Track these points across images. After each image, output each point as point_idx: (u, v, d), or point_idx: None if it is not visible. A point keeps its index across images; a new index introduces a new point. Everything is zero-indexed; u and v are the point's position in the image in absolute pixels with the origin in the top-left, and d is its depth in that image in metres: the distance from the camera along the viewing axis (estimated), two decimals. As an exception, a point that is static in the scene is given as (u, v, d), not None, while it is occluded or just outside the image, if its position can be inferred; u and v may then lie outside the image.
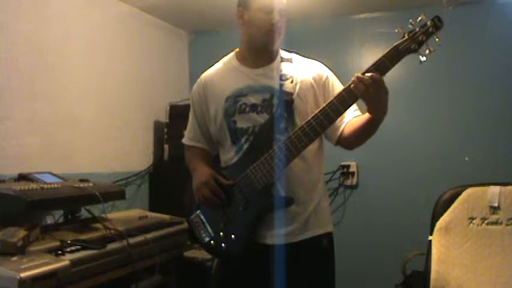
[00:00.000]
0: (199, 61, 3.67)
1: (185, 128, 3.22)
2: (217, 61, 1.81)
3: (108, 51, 2.97)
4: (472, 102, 2.99)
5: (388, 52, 1.44)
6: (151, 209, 3.03)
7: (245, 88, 1.65)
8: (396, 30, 1.45)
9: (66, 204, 2.00)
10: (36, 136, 2.41)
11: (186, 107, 3.32)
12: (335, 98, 1.51)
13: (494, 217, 2.04)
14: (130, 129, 3.14)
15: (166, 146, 3.22)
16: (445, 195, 2.15)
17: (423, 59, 1.44)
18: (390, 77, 1.46)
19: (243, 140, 1.64)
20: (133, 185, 3.09)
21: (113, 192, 2.18)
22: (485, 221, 2.05)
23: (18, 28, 2.34)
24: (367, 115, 1.54)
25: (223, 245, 1.65)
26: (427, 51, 1.43)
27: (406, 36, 1.43)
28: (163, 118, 3.29)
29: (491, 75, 2.95)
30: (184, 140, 1.86)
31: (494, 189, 2.07)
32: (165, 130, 3.24)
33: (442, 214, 2.11)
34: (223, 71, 1.75)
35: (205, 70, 1.83)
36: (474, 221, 2.06)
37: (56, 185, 1.93)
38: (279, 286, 1.56)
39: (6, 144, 2.24)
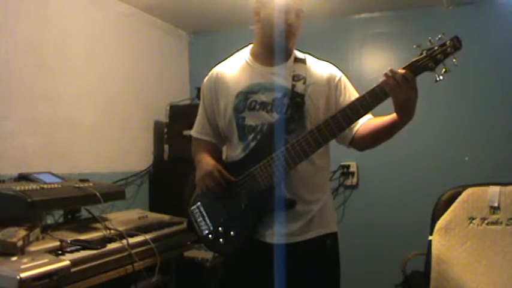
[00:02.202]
0: (199, 61, 3.70)
1: (185, 128, 3.24)
2: (219, 62, 1.80)
3: (108, 51, 2.97)
4: (472, 102, 2.99)
5: (404, 68, 1.42)
6: (151, 209, 3.03)
7: (256, 85, 1.65)
8: (414, 46, 1.43)
9: (66, 204, 2.00)
10: (36, 136, 2.41)
11: (186, 107, 3.37)
12: (355, 101, 1.49)
13: (494, 217, 2.05)
14: (131, 129, 3.14)
15: (166, 146, 3.23)
16: (445, 195, 2.15)
17: (439, 78, 1.42)
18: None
19: (251, 137, 1.63)
20: (133, 185, 3.09)
21: (113, 192, 2.17)
22: (485, 221, 2.05)
23: (18, 28, 2.34)
24: (390, 117, 1.51)
25: (221, 240, 1.65)
26: (443, 70, 1.41)
27: (424, 54, 1.41)
28: (163, 118, 3.29)
29: (491, 74, 2.95)
30: (192, 133, 1.85)
31: (494, 189, 2.07)
32: (165, 130, 3.25)
33: (442, 214, 2.11)
34: (236, 66, 1.73)
35: (205, 70, 1.82)
36: (474, 221, 2.06)
37: (56, 185, 1.92)
38: (281, 285, 1.56)
39: (6, 144, 2.24)
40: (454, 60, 1.41)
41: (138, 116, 3.22)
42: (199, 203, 1.73)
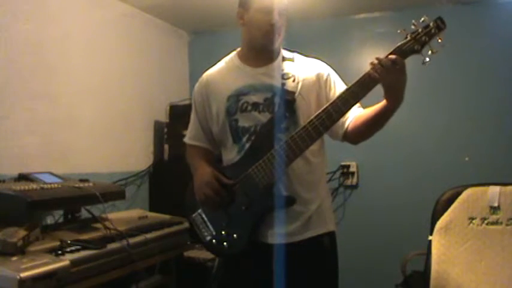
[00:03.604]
0: (199, 61, 3.69)
1: (185, 128, 3.21)
2: (218, 61, 1.81)
3: (108, 51, 2.97)
4: (472, 102, 2.99)
5: (390, 53, 1.44)
6: (151, 209, 3.03)
7: (247, 87, 1.65)
8: (399, 31, 1.45)
9: (66, 204, 2.00)
10: (36, 136, 2.41)
11: (186, 107, 3.35)
12: (344, 92, 1.50)
13: (494, 217, 2.04)
14: (130, 129, 3.14)
15: (166, 146, 3.23)
16: (445, 195, 2.15)
17: (426, 60, 1.44)
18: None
19: (245, 139, 1.64)
20: (133, 185, 3.09)
21: (113, 192, 2.18)
22: (485, 221, 2.05)
23: (18, 28, 2.34)
24: (380, 105, 1.52)
25: (225, 244, 1.65)
26: (430, 52, 1.43)
27: (409, 37, 1.43)
28: (163, 118, 3.29)
29: (491, 74, 2.95)
30: (186, 139, 1.86)
31: (494, 189, 2.07)
32: (165, 130, 3.25)
33: (442, 214, 2.11)
34: (225, 70, 1.75)
35: (205, 70, 1.83)
36: (474, 221, 2.06)
37: (56, 185, 1.93)
38: (280, 286, 1.56)
39: (6, 144, 2.24)
40: (439, 40, 1.42)
41: (138, 116, 3.22)
42: (200, 210, 1.73)
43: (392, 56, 1.42)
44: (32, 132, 2.39)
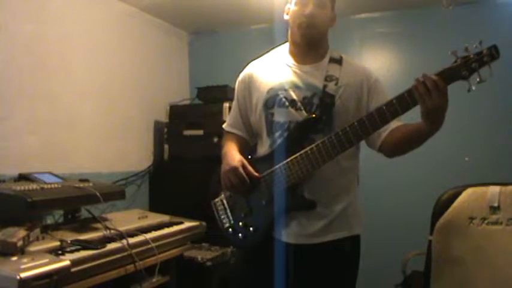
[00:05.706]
0: (199, 61, 3.70)
1: (185, 128, 3.23)
2: (218, 62, 1.80)
3: (108, 51, 2.97)
4: (472, 102, 2.98)
5: (437, 74, 1.36)
6: (151, 209, 3.03)
7: (288, 83, 1.64)
8: (450, 53, 1.37)
9: (66, 204, 2.00)
10: (36, 136, 2.41)
11: (186, 107, 3.37)
12: (383, 106, 1.43)
13: (494, 217, 2.04)
14: (131, 129, 3.14)
15: (166, 146, 3.23)
16: (445, 195, 2.15)
17: (472, 88, 1.36)
18: (391, 77, 1.45)
19: (278, 134, 1.63)
20: (133, 185, 3.09)
21: (113, 192, 2.18)
22: (485, 221, 2.05)
23: (18, 28, 2.34)
24: (417, 125, 1.46)
25: (240, 235, 1.66)
26: (478, 80, 1.35)
27: (459, 62, 1.36)
28: (163, 118, 3.30)
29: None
30: (225, 126, 1.86)
31: (494, 189, 2.06)
32: (165, 130, 3.25)
33: (442, 214, 2.11)
34: (271, 62, 1.74)
35: (205, 70, 1.83)
36: (474, 221, 2.06)
37: (56, 185, 1.93)
38: (295, 286, 1.55)
39: (6, 144, 2.25)
40: (489, 70, 1.35)
41: (138, 116, 3.22)
42: (222, 196, 1.74)
43: (437, 79, 1.34)
44: (32, 132, 2.39)
